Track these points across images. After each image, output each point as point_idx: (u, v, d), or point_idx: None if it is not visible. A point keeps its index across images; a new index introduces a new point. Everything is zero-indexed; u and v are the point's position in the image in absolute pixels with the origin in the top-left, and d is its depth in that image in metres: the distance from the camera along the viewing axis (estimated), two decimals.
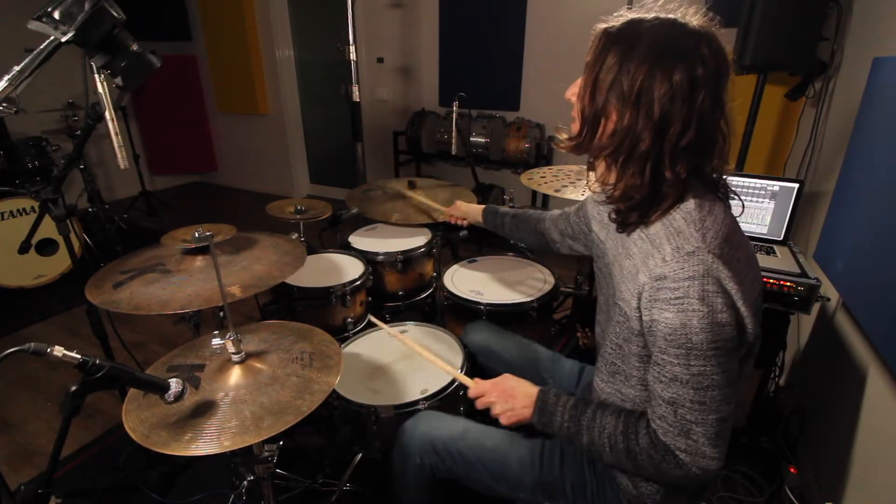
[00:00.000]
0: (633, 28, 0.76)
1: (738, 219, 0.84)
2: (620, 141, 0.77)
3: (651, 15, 0.77)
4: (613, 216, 0.86)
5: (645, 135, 0.75)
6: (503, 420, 0.97)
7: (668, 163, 0.76)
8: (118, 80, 1.11)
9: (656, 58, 0.72)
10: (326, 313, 1.69)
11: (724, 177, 0.84)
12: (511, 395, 0.97)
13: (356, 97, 2.36)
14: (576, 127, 0.85)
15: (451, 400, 1.32)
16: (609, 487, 0.98)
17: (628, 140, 0.76)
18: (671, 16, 0.76)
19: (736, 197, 0.86)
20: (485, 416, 1.05)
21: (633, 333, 0.83)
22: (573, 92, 0.86)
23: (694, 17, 0.76)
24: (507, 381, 1.00)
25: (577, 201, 1.29)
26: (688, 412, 0.75)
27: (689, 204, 0.78)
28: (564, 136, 0.88)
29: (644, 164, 0.77)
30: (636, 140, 0.75)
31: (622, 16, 0.79)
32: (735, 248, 0.77)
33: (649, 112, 0.73)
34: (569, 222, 1.27)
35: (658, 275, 0.75)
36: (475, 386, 1.03)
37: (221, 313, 1.45)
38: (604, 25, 0.79)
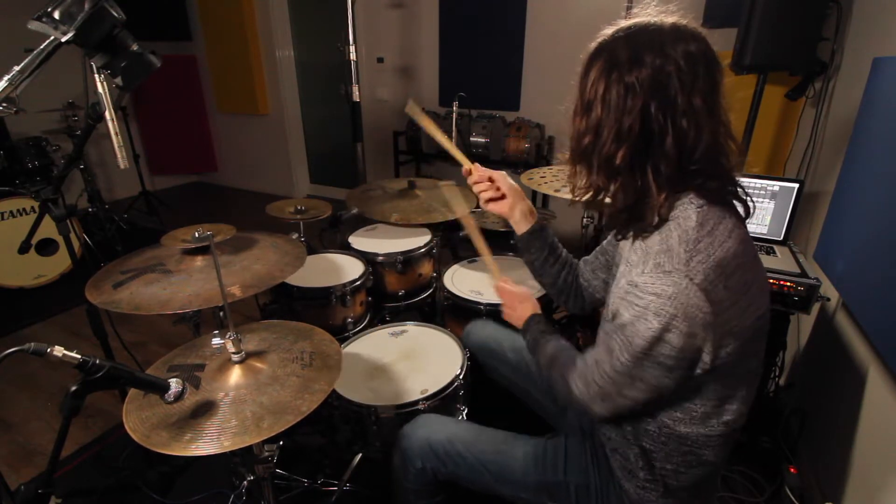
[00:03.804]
0: (606, 42, 0.79)
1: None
2: (599, 149, 0.79)
3: (625, 24, 0.79)
4: (610, 223, 0.88)
5: (624, 140, 0.76)
6: (504, 314, 1.23)
7: (650, 165, 0.77)
8: (118, 80, 1.11)
9: (620, 67, 0.74)
10: (326, 313, 1.69)
11: (737, 184, 0.81)
12: (519, 306, 1.19)
13: (356, 97, 2.37)
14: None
15: (451, 400, 1.32)
16: (613, 491, 0.98)
17: (604, 148, 0.78)
18: (644, 20, 0.77)
19: (750, 198, 0.83)
20: (484, 419, 1.04)
21: None
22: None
23: (670, 17, 0.77)
24: (523, 296, 1.20)
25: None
26: (609, 360, 0.79)
27: (691, 221, 0.76)
28: (561, 156, 0.91)
29: (627, 167, 0.78)
30: (615, 147, 0.77)
31: (602, 35, 0.81)
32: (728, 275, 0.74)
33: (619, 119, 0.75)
34: (600, 252, 1.18)
35: (633, 282, 0.76)
36: (500, 284, 1.25)
37: (221, 313, 1.45)
38: (592, 45, 0.82)
